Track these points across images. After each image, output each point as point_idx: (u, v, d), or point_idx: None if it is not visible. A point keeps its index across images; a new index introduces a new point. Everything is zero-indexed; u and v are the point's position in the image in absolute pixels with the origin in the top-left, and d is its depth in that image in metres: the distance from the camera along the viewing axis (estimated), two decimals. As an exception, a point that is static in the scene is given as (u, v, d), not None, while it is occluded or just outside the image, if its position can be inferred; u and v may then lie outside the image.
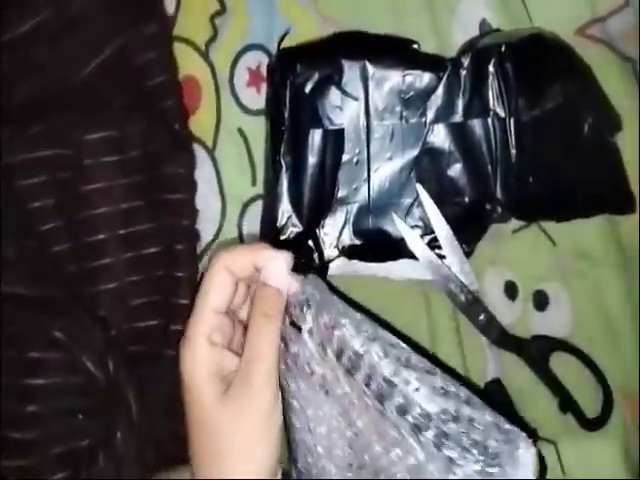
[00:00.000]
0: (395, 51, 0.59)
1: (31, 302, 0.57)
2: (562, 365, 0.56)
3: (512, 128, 0.56)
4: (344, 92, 0.59)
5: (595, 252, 0.56)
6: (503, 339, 0.56)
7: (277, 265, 0.42)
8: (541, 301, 0.57)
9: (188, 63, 0.65)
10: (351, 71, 0.59)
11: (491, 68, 0.56)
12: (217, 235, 0.64)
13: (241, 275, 0.43)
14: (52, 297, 0.58)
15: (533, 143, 0.56)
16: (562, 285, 0.57)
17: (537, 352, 0.56)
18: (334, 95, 0.59)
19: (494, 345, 0.57)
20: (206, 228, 0.63)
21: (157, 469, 0.56)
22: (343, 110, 0.59)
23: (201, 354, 0.42)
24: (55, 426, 0.55)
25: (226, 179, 0.64)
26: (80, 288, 0.59)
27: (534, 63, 0.56)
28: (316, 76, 0.59)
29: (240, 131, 0.64)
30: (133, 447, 0.56)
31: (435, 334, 0.59)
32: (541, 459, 0.54)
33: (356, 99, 0.59)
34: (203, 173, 0.63)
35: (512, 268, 0.57)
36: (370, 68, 0.58)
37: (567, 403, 0.56)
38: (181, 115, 0.64)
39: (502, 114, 0.57)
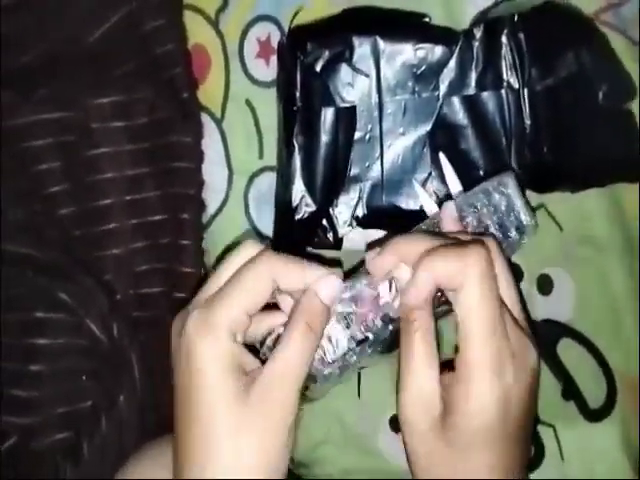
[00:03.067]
0: (406, 25, 0.59)
1: (37, 264, 0.57)
2: (568, 351, 0.56)
3: (526, 99, 0.56)
4: (355, 69, 0.59)
5: (600, 238, 0.56)
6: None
7: (330, 283, 0.41)
8: (545, 285, 0.58)
9: (198, 32, 0.65)
10: (362, 47, 0.59)
11: (504, 39, 0.56)
12: (223, 205, 0.64)
13: (285, 288, 0.41)
14: (58, 260, 0.58)
15: (547, 113, 0.56)
16: (567, 270, 0.57)
17: (546, 336, 0.56)
18: (345, 72, 0.59)
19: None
20: (212, 198, 0.64)
21: (157, 433, 0.57)
22: (354, 87, 0.59)
23: (224, 346, 0.39)
24: (58, 386, 0.56)
25: (233, 150, 0.64)
26: (85, 252, 0.60)
27: (547, 32, 0.55)
28: (327, 54, 0.59)
29: (248, 102, 0.64)
30: (135, 411, 0.57)
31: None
32: (538, 442, 0.56)
33: (367, 75, 0.59)
34: (210, 143, 0.63)
35: (517, 252, 0.58)
36: (381, 43, 0.58)
37: (571, 391, 0.57)
38: (189, 84, 0.64)
39: (516, 85, 0.56)
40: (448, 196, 0.53)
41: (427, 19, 0.59)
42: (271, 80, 0.63)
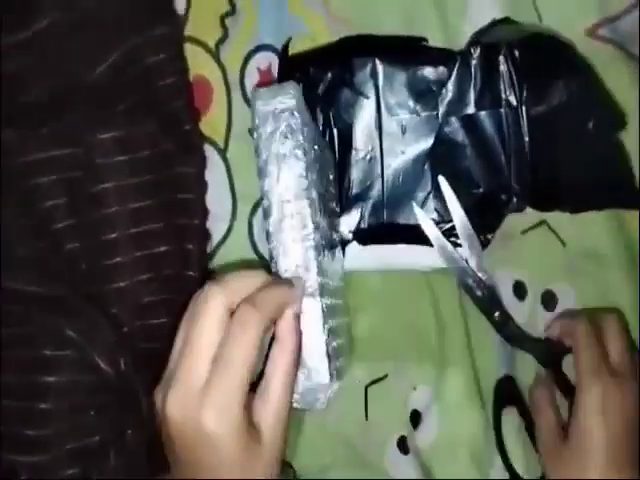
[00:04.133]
0: (404, 49, 0.59)
1: (44, 301, 0.57)
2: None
3: (524, 117, 0.56)
4: (356, 91, 0.59)
5: (604, 253, 0.56)
6: (518, 337, 0.57)
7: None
8: (550, 301, 0.57)
9: (199, 63, 0.65)
10: (362, 70, 0.59)
11: (501, 58, 0.56)
12: (227, 234, 0.64)
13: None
14: (64, 296, 0.58)
15: (542, 136, 0.56)
16: (571, 285, 0.57)
17: (551, 353, 0.56)
18: (346, 95, 0.60)
19: (508, 343, 0.57)
20: (217, 228, 0.64)
21: (168, 467, 0.56)
22: (355, 109, 0.59)
23: (239, 426, 0.40)
24: (67, 423, 0.55)
25: (237, 179, 0.64)
26: (92, 286, 0.59)
27: (538, 61, 0.56)
28: (329, 77, 0.60)
29: (250, 131, 0.64)
30: (144, 444, 0.56)
31: (443, 332, 0.59)
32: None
33: (367, 97, 0.59)
34: (214, 173, 0.64)
35: (521, 268, 0.57)
36: (380, 66, 0.59)
37: None
38: (192, 115, 0.64)
39: (514, 103, 0.56)
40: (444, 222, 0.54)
41: (425, 42, 0.59)
42: (273, 109, 0.64)
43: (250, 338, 0.40)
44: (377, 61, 0.59)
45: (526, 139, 0.56)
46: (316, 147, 0.51)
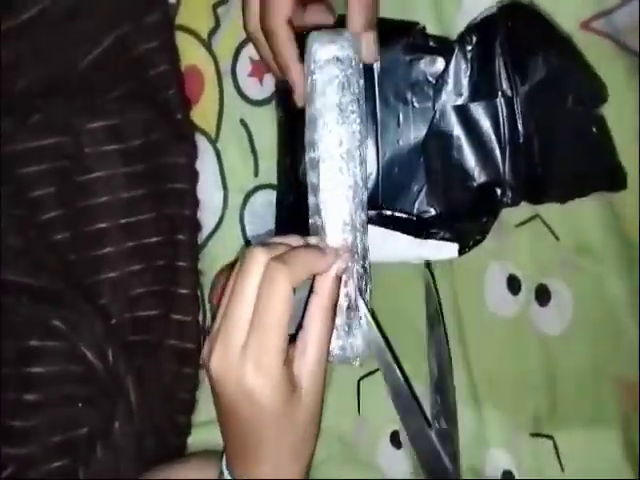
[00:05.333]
0: (400, 36, 0.58)
1: (31, 291, 0.57)
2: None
3: (519, 107, 0.55)
4: None
5: (598, 247, 0.55)
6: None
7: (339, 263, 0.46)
8: (543, 296, 0.57)
9: (190, 53, 0.65)
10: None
11: (497, 47, 0.55)
12: (219, 225, 0.64)
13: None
14: (52, 286, 0.58)
15: (528, 121, 0.55)
16: (564, 280, 0.56)
17: None
18: None
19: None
20: (208, 218, 0.64)
21: (157, 460, 0.56)
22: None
23: (278, 381, 0.42)
24: (54, 414, 0.55)
25: (228, 170, 0.64)
26: (81, 277, 0.59)
27: (518, 35, 0.55)
28: None
29: (242, 122, 0.64)
30: (131, 437, 0.56)
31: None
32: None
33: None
34: (205, 163, 0.63)
35: (515, 262, 0.57)
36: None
37: None
38: (183, 105, 0.64)
39: (509, 93, 0.56)
40: (438, 216, 0.55)
41: (420, 27, 0.58)
42: (264, 98, 0.63)
43: (279, 292, 0.42)
44: None
45: (520, 130, 0.56)
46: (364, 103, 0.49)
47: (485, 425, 0.58)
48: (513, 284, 0.57)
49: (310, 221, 0.48)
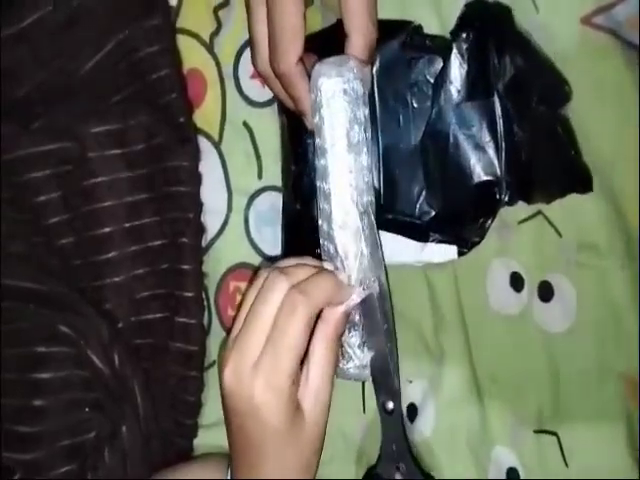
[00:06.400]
0: (396, 36, 0.58)
1: (37, 296, 0.57)
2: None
3: (501, 105, 0.55)
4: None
5: (601, 244, 0.55)
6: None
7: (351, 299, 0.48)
8: (546, 292, 0.57)
9: (192, 56, 0.65)
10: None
11: (491, 45, 0.55)
12: (223, 227, 0.64)
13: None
14: (58, 291, 0.58)
15: (513, 119, 0.55)
16: (567, 276, 0.56)
17: None
18: None
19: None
20: (212, 221, 0.64)
21: (164, 462, 0.56)
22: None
23: (285, 400, 0.45)
24: (61, 419, 0.55)
25: (232, 172, 0.64)
26: (86, 282, 0.59)
27: (485, 36, 0.55)
28: None
29: (245, 124, 0.64)
30: (139, 441, 0.56)
31: (440, 326, 0.59)
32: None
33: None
34: (209, 166, 0.63)
35: (518, 259, 0.57)
36: (376, 56, 0.58)
37: None
38: (185, 108, 0.64)
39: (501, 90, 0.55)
40: (437, 218, 0.56)
41: (415, 25, 0.58)
42: (267, 100, 0.63)
43: (298, 321, 0.45)
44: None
45: (516, 128, 0.55)
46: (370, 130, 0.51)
47: (489, 422, 0.57)
48: (516, 281, 0.57)
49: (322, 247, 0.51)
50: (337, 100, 0.48)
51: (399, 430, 0.54)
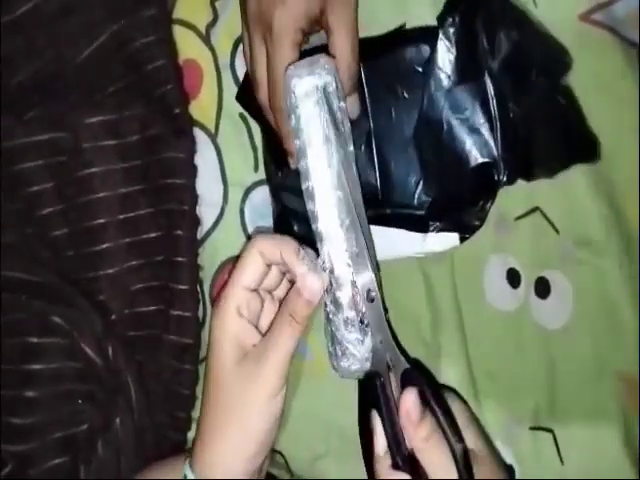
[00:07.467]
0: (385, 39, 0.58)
1: (30, 287, 0.57)
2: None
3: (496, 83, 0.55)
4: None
5: (598, 240, 0.55)
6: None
7: (312, 282, 0.47)
8: (543, 289, 0.57)
9: (189, 47, 0.64)
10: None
11: (479, 25, 0.55)
12: (218, 220, 0.63)
13: (271, 260, 0.49)
14: (51, 282, 0.57)
15: (508, 96, 0.55)
16: (564, 273, 0.56)
17: None
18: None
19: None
20: (207, 213, 0.63)
21: (157, 455, 0.56)
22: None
23: (229, 322, 0.48)
24: (54, 411, 0.55)
25: (228, 164, 0.64)
26: (79, 273, 0.59)
27: (478, 13, 0.55)
28: None
29: (242, 116, 0.63)
30: (132, 433, 0.56)
31: (437, 321, 0.59)
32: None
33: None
34: (205, 158, 0.63)
35: (515, 256, 0.57)
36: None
37: None
38: (181, 99, 0.63)
39: (496, 69, 0.55)
40: (436, 207, 0.55)
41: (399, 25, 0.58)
42: (263, 92, 0.63)
43: (250, 252, 0.48)
44: None
45: (510, 106, 0.55)
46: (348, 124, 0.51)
47: (485, 419, 0.57)
48: (513, 277, 0.57)
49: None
50: (310, 98, 0.48)
51: (381, 318, 0.51)
